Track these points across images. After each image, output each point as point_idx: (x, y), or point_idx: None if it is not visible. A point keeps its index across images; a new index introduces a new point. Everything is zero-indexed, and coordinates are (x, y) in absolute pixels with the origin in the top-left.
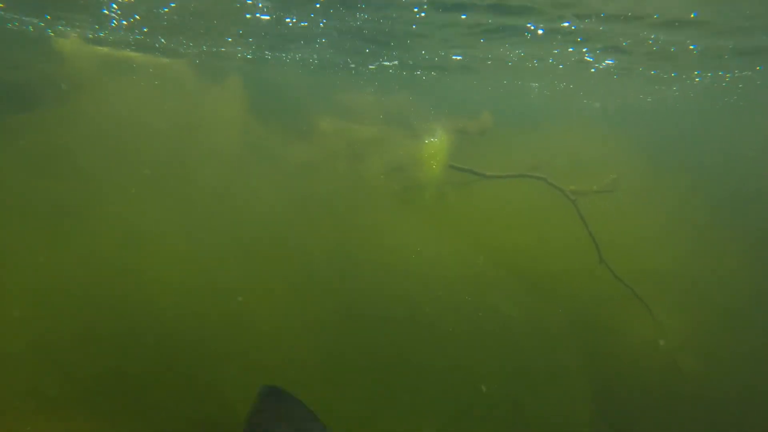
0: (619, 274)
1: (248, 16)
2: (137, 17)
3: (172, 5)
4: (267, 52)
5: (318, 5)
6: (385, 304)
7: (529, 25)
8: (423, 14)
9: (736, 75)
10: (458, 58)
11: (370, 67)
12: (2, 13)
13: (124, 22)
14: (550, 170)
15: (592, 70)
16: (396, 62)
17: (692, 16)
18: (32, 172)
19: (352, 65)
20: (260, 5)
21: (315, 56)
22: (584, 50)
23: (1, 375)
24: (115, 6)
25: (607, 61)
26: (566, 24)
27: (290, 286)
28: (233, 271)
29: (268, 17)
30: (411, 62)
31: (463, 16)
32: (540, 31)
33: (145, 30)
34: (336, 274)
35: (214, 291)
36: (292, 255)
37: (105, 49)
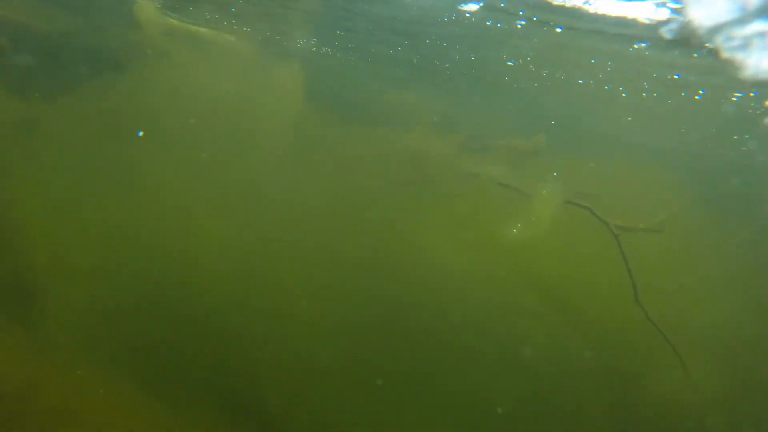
0: (654, 319)
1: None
2: None
3: None
4: (328, 45)
5: None
6: (414, 314)
7: None
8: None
9: None
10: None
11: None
12: None
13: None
14: (596, 201)
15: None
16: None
17: None
18: (101, 133)
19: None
20: None
21: (373, 49)
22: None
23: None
24: None
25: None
26: None
27: (323, 280)
28: (272, 257)
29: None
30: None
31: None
32: None
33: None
34: (371, 279)
35: (249, 272)
36: (327, 251)
37: (175, 21)
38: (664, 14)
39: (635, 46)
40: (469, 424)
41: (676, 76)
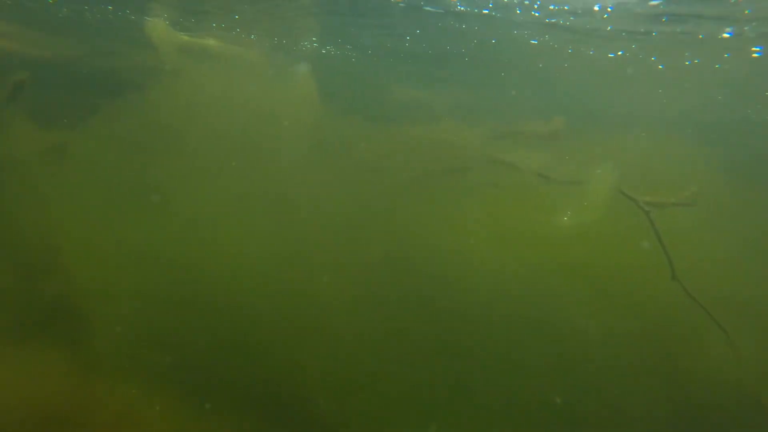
0: (695, 296)
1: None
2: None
3: None
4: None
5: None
6: (453, 311)
7: None
8: None
9: None
10: None
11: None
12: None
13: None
14: (625, 178)
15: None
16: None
17: None
18: (127, 152)
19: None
20: None
21: (388, 44)
22: None
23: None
24: None
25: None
26: None
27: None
28: (299, 264)
29: None
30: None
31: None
32: None
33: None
34: (408, 279)
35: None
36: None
37: (186, 37)
38: None
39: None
40: (526, 420)
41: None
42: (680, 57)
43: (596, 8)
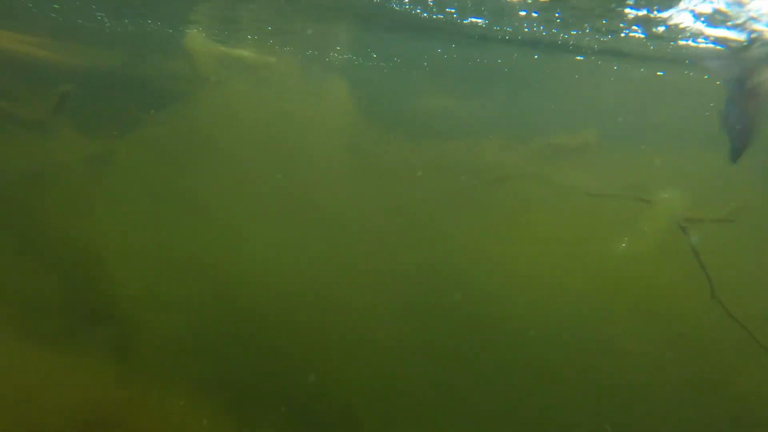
0: (736, 316)
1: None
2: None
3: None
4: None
5: None
6: (492, 327)
7: None
8: None
9: None
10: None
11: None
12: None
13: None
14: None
15: None
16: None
17: None
18: (169, 162)
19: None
20: None
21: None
22: None
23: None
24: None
25: None
26: None
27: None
28: (333, 275)
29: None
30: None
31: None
32: None
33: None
34: (438, 292)
35: (312, 290)
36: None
37: (222, 48)
38: None
39: None
40: None
41: None
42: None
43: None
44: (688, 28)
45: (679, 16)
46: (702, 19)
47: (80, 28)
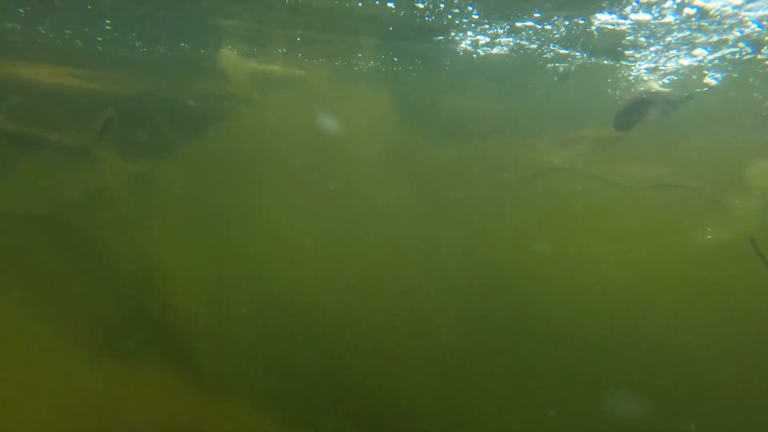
0: None
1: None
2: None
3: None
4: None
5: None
6: (546, 332)
7: None
8: None
9: None
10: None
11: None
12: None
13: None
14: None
15: None
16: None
17: None
18: (212, 179)
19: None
20: None
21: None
22: None
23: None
24: None
25: None
26: None
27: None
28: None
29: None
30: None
31: None
32: None
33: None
34: (494, 295)
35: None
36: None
37: (254, 63)
38: None
39: None
40: None
41: None
42: None
43: None
44: None
45: None
46: None
47: (117, 57)
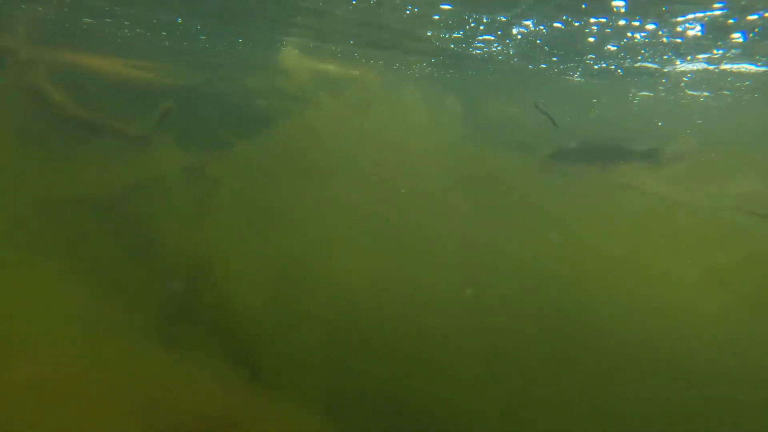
0: None
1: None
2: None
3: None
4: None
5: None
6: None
7: None
8: None
9: None
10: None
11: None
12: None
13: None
14: None
15: None
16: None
17: None
18: (267, 175)
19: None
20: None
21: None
22: None
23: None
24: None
25: None
26: None
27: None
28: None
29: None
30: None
31: None
32: None
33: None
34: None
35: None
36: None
37: (312, 62)
38: None
39: None
40: None
41: None
42: None
43: None
44: None
45: None
46: None
47: (181, 51)
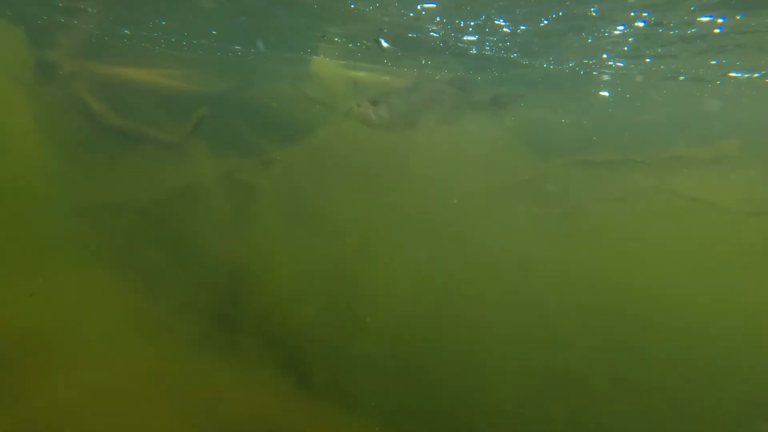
0: None
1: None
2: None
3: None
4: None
5: None
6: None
7: None
8: None
9: None
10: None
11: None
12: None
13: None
14: None
15: None
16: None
17: None
18: (301, 186)
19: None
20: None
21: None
22: None
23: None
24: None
25: None
26: None
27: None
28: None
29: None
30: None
31: None
32: None
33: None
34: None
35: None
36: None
37: (342, 69)
38: None
39: None
40: None
41: None
42: None
43: None
44: None
45: None
46: None
47: (213, 59)
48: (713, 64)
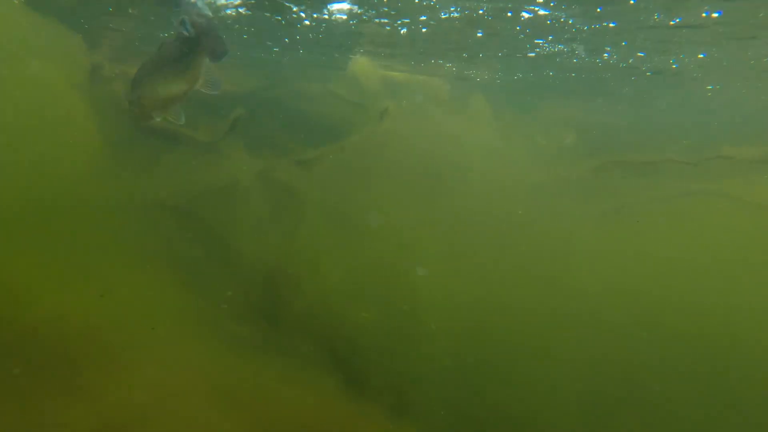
0: None
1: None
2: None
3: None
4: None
5: None
6: None
7: None
8: None
9: None
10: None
11: None
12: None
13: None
14: None
15: None
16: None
17: None
18: (338, 185)
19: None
20: None
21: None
22: None
23: None
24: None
25: None
26: None
27: None
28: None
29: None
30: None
31: None
32: None
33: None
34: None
35: None
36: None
37: (380, 69)
38: None
39: None
40: None
41: None
42: None
43: None
44: None
45: None
46: None
47: (250, 60)
48: None
